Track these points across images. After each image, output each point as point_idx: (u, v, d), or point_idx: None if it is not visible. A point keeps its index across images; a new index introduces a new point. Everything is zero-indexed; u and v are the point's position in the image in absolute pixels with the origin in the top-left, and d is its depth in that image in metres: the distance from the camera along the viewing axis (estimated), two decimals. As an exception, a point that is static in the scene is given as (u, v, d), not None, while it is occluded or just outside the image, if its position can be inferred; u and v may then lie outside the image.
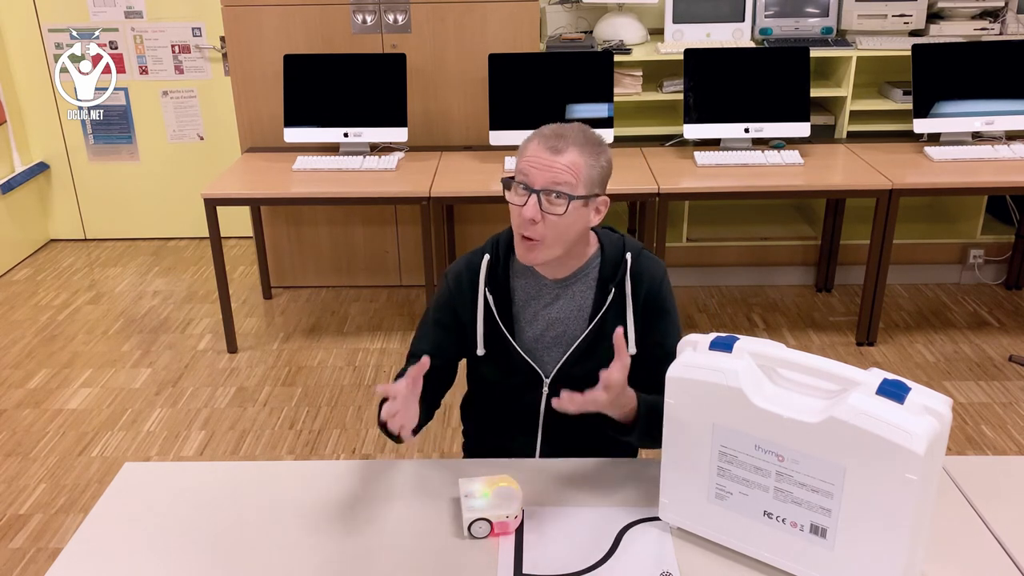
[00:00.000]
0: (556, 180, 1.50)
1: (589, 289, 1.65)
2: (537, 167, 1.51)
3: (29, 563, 2.39)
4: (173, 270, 4.34)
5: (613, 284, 1.63)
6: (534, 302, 1.65)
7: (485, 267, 1.65)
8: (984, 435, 2.90)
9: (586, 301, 1.65)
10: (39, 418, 3.07)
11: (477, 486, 1.44)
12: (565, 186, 1.50)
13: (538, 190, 1.50)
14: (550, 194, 1.50)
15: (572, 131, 1.54)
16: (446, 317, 1.69)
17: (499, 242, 1.68)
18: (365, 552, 1.39)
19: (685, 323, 3.63)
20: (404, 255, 4.06)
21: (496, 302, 1.65)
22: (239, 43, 3.68)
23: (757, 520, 1.32)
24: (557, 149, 1.51)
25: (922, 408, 1.16)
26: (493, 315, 1.65)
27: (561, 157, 1.50)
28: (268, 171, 3.47)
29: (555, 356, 1.66)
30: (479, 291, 1.65)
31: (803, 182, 3.25)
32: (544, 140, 1.52)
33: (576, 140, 1.52)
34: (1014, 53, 3.43)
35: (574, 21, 3.98)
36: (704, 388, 1.30)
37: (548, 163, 1.50)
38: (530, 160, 1.52)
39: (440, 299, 1.70)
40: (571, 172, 1.51)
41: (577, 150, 1.52)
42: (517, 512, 1.41)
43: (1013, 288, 3.98)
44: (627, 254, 1.64)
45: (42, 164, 4.54)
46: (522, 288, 1.66)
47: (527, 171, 1.52)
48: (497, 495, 1.42)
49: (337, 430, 2.99)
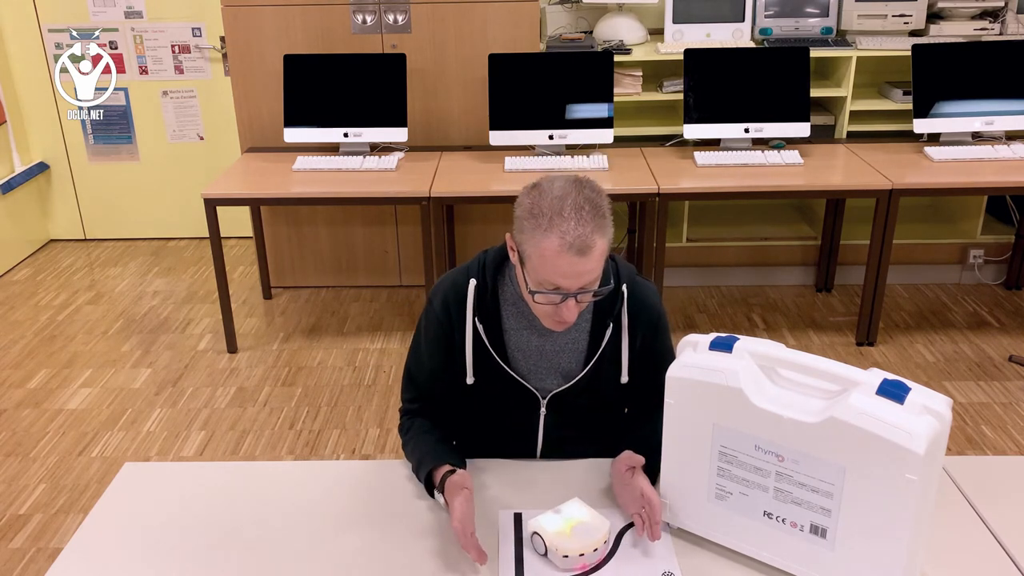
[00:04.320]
0: (590, 280, 1.43)
1: (584, 322, 1.59)
2: (569, 276, 1.40)
3: (29, 563, 2.39)
4: (173, 270, 4.34)
5: (611, 319, 1.58)
6: (526, 332, 1.59)
7: (472, 294, 1.58)
8: (984, 435, 2.90)
9: (582, 334, 1.59)
10: (39, 418, 3.07)
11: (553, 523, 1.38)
12: (595, 277, 1.44)
13: (575, 293, 1.43)
14: (587, 291, 1.44)
15: (585, 211, 1.39)
16: (437, 343, 1.61)
17: (485, 266, 1.59)
18: (365, 552, 1.39)
19: (685, 323, 3.64)
20: (404, 255, 4.06)
21: (486, 331, 1.58)
22: (239, 43, 3.68)
23: (757, 520, 1.32)
24: (585, 250, 1.38)
25: (922, 408, 1.16)
26: (484, 344, 1.59)
27: (591, 256, 1.40)
28: (268, 171, 3.47)
29: (550, 384, 1.62)
30: (467, 319, 1.58)
31: (803, 182, 3.25)
32: (566, 245, 1.37)
33: (597, 227, 1.39)
34: (1014, 53, 3.43)
35: (574, 21, 3.98)
36: (704, 388, 1.30)
37: (580, 271, 1.40)
38: (559, 270, 1.40)
39: (429, 324, 1.62)
40: (600, 261, 1.42)
41: (599, 235, 1.40)
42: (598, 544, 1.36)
43: (1013, 288, 3.98)
44: (623, 286, 1.58)
45: (42, 164, 4.54)
46: (512, 316, 1.59)
47: (558, 283, 1.42)
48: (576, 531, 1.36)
49: (337, 430, 2.99)
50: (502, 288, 1.60)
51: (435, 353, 1.62)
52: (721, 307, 3.86)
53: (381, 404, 3.14)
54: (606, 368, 1.60)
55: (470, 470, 1.57)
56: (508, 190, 3.22)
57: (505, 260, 1.61)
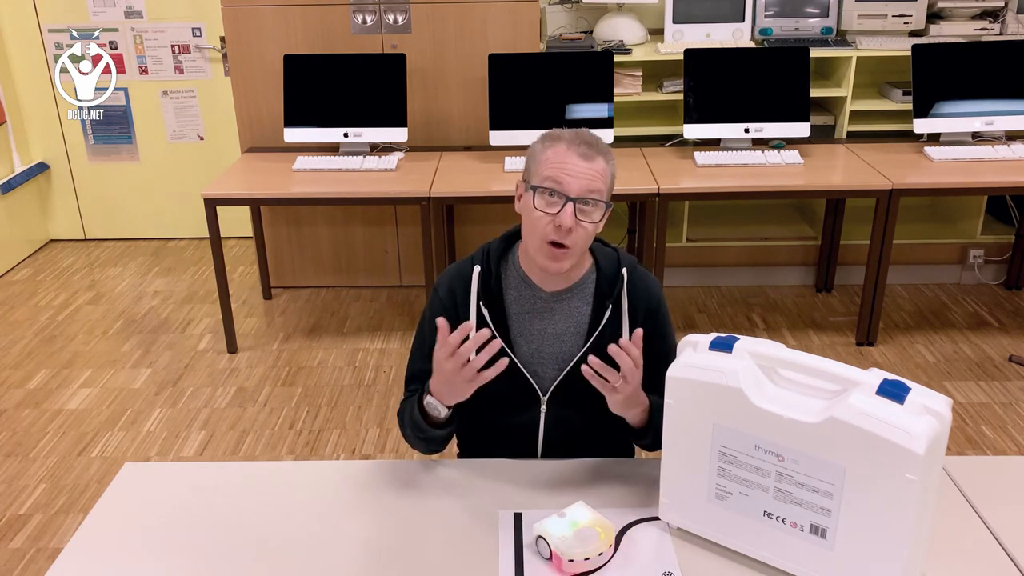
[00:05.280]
0: (591, 188, 1.47)
1: (586, 305, 1.61)
2: (572, 175, 1.46)
3: (29, 563, 2.39)
4: (173, 270, 4.34)
5: (611, 301, 1.59)
6: (528, 316, 1.61)
7: (477, 279, 1.60)
8: (984, 435, 2.90)
9: (583, 317, 1.61)
10: (39, 418, 3.07)
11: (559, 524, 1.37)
12: (598, 193, 1.48)
13: (574, 198, 1.46)
14: (586, 202, 1.47)
15: (593, 137, 1.51)
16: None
17: (489, 253, 1.62)
18: (365, 552, 1.39)
19: (685, 323, 3.63)
20: (404, 255, 4.06)
21: (491, 315, 1.60)
22: (239, 43, 3.68)
23: (757, 520, 1.32)
24: (588, 156, 1.47)
25: (922, 408, 1.16)
26: (489, 328, 1.57)
27: (594, 164, 1.47)
28: (268, 171, 3.47)
29: (552, 373, 1.62)
30: (472, 304, 1.60)
31: (803, 182, 3.25)
32: (574, 147, 1.47)
33: (601, 147, 1.50)
34: (1014, 53, 3.43)
35: (574, 21, 3.98)
36: (704, 388, 1.30)
37: (583, 170, 1.46)
38: (562, 167, 1.47)
39: (434, 311, 1.62)
40: (602, 179, 1.48)
41: (603, 157, 1.49)
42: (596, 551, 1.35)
43: (1013, 288, 3.98)
44: (623, 269, 1.61)
45: (42, 164, 4.54)
46: (516, 301, 1.61)
47: (559, 179, 1.46)
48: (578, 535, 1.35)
49: (337, 430, 2.99)
50: (505, 273, 1.62)
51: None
52: (721, 307, 3.86)
53: (381, 404, 3.14)
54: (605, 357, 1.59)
55: (470, 470, 1.58)
56: (508, 190, 3.22)
57: (508, 248, 1.63)
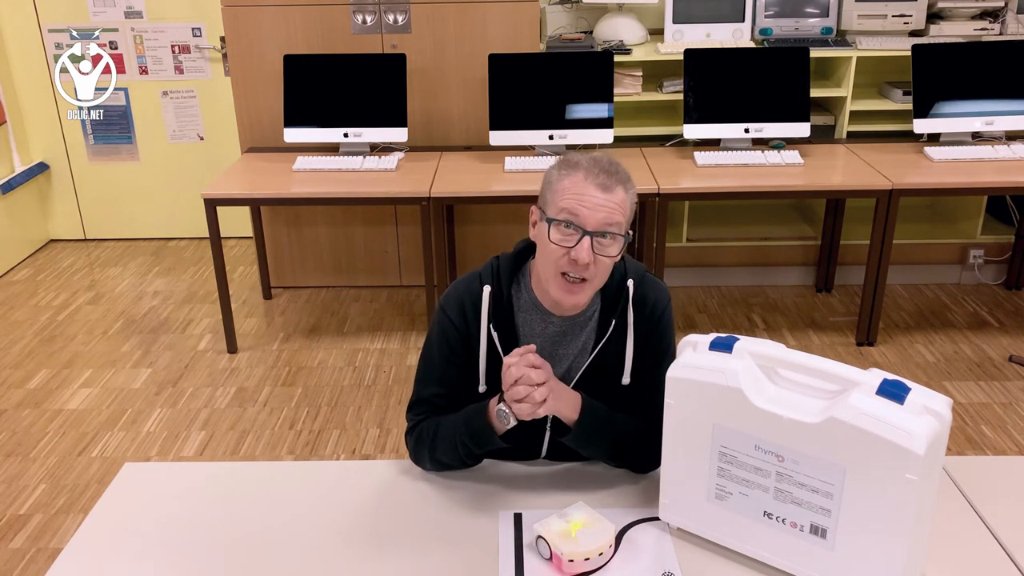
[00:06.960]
0: (609, 221, 1.40)
1: (593, 322, 1.57)
2: (589, 207, 1.39)
3: (29, 563, 2.39)
4: (173, 270, 4.34)
5: (614, 316, 1.55)
6: (539, 340, 1.56)
7: (488, 300, 1.54)
8: (984, 435, 2.90)
9: (589, 336, 1.57)
10: (39, 418, 3.07)
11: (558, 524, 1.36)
12: (616, 226, 1.41)
13: (591, 232, 1.40)
14: (603, 235, 1.41)
15: (612, 164, 1.43)
16: (455, 352, 1.57)
17: (499, 272, 1.56)
18: (365, 552, 1.39)
19: (685, 323, 3.63)
20: (404, 255, 4.06)
21: (501, 339, 1.54)
22: (239, 43, 3.68)
23: (757, 520, 1.32)
24: (607, 187, 1.40)
25: (922, 408, 1.16)
26: (498, 353, 1.54)
27: (613, 195, 1.40)
28: (268, 171, 3.47)
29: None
30: (482, 326, 1.55)
31: (803, 182, 3.25)
32: (592, 176, 1.40)
33: (620, 175, 1.42)
34: (1014, 53, 3.43)
35: (574, 21, 3.98)
36: (704, 388, 1.30)
37: (601, 202, 1.39)
38: (579, 198, 1.40)
39: (444, 333, 1.57)
40: (621, 211, 1.42)
41: (622, 187, 1.42)
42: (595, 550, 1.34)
43: (1013, 288, 3.98)
44: (628, 281, 1.55)
45: (42, 164, 4.54)
46: (527, 324, 1.56)
47: (576, 211, 1.40)
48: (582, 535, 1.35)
49: (337, 430, 2.99)
50: (516, 295, 1.57)
51: (451, 361, 1.58)
52: (721, 307, 3.86)
53: (381, 404, 3.14)
54: (609, 363, 1.59)
55: (470, 470, 1.58)
56: (508, 190, 3.22)
57: (519, 267, 1.58)
